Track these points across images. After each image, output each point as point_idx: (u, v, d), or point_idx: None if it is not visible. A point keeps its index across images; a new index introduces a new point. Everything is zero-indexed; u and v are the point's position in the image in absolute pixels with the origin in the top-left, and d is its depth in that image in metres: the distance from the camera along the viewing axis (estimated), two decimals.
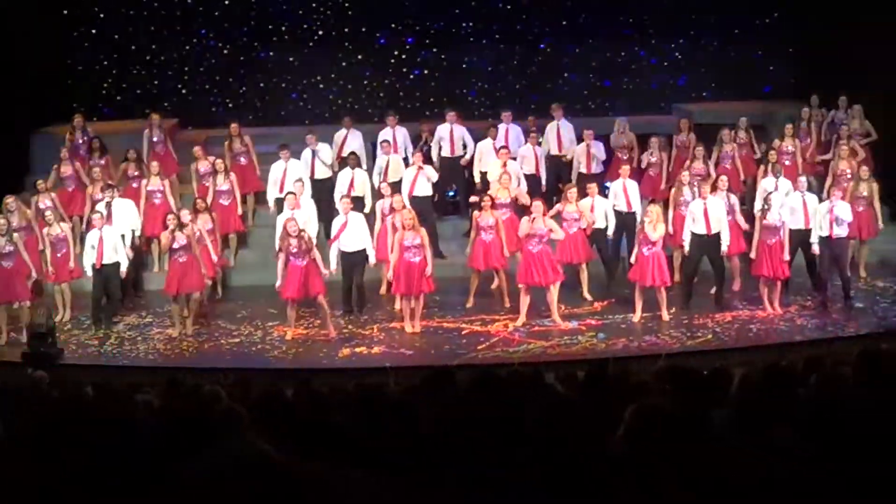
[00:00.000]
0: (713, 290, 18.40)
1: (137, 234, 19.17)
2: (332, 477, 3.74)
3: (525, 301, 17.58)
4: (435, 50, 26.08)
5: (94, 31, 25.49)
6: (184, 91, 25.89)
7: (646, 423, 4.20)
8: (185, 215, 17.78)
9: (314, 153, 20.79)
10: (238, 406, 7.18)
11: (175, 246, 17.35)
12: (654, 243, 17.27)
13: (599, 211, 18.74)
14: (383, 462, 4.64)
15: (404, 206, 18.02)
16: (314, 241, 17.52)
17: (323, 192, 20.16)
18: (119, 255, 17.89)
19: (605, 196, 19.32)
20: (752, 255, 17.79)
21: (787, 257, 17.58)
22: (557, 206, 18.62)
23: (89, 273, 17.96)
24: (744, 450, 5.36)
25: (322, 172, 20.69)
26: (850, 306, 18.00)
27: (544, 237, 17.39)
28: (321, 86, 26.06)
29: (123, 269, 18.00)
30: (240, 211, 20.50)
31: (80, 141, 21.26)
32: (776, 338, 16.93)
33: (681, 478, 4.07)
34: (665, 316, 17.57)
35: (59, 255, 18.26)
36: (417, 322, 17.57)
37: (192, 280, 17.52)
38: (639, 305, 17.66)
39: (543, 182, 20.72)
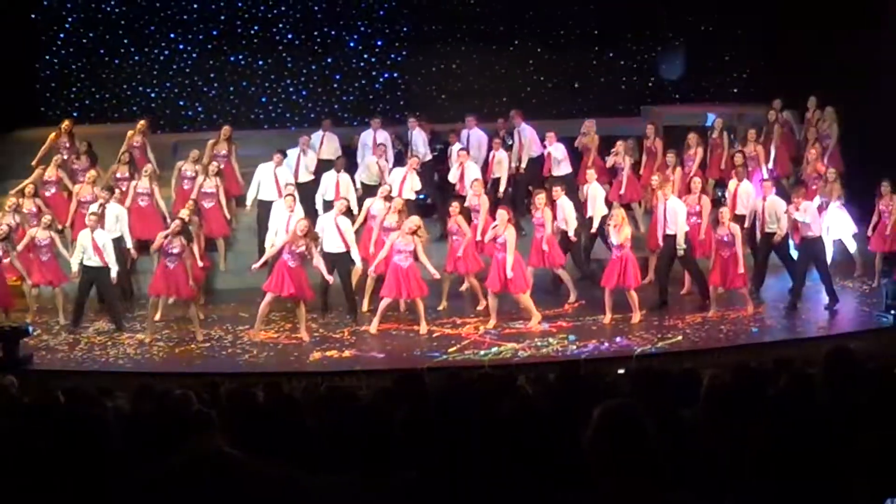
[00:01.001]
0: (683, 292, 18.54)
1: (129, 243, 18.96)
2: (301, 480, 3.74)
3: (494, 303, 17.59)
4: (404, 53, 26.11)
5: (62, 36, 25.40)
6: (153, 95, 25.82)
7: (613, 422, 4.21)
8: (186, 218, 17.73)
9: (301, 156, 20.75)
10: (208, 410, 7.17)
11: (170, 251, 17.25)
12: (621, 246, 17.28)
13: (569, 214, 18.72)
14: (354, 465, 4.63)
15: (408, 214, 17.93)
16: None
17: (304, 195, 20.13)
18: (109, 259, 17.78)
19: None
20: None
21: (741, 270, 17.57)
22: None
23: (75, 270, 17.85)
24: (711, 446, 5.39)
25: (304, 176, 20.66)
26: (835, 303, 18.04)
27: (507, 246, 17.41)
28: (291, 89, 26.05)
29: (114, 274, 17.88)
30: (228, 215, 20.46)
31: (67, 146, 21.17)
32: (746, 339, 16.98)
33: (647, 475, 4.08)
34: (636, 318, 17.60)
35: (44, 259, 18.19)
36: (424, 324, 17.52)
37: (180, 288, 17.42)
38: (608, 307, 17.68)
39: (501, 189, 20.62)
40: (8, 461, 4.71)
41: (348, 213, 18.81)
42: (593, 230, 19.10)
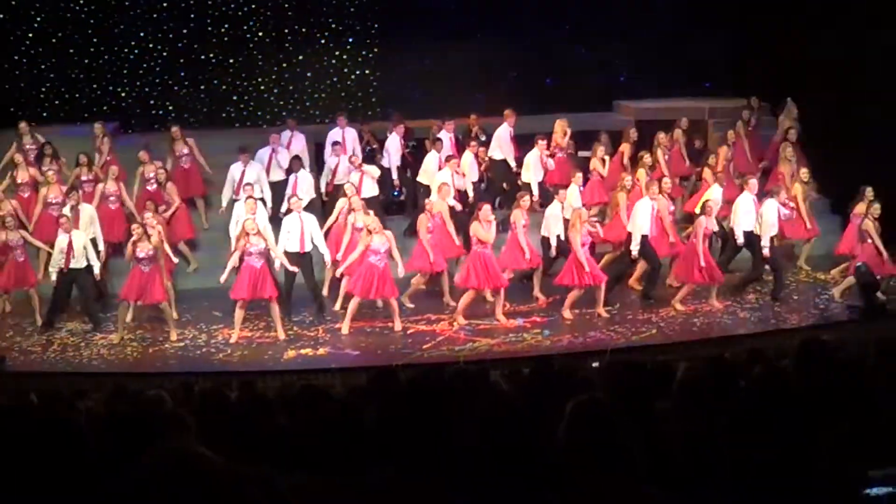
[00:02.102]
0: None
1: (101, 244, 18.84)
2: (275, 479, 3.73)
3: (466, 299, 17.59)
4: (376, 50, 26.07)
5: (31, 36, 25.24)
6: (123, 94, 25.71)
7: (585, 417, 4.21)
8: (152, 222, 17.66)
9: (273, 154, 20.70)
10: (182, 410, 7.14)
11: (140, 255, 17.17)
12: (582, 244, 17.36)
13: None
14: (328, 464, 4.62)
15: (367, 212, 17.89)
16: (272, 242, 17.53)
17: (276, 193, 20.09)
18: (91, 258, 17.72)
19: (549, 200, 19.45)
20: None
21: (702, 263, 17.67)
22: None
23: (53, 277, 17.76)
24: (685, 438, 5.40)
25: (276, 175, 20.60)
26: (781, 299, 18.21)
27: (489, 243, 17.42)
28: (262, 87, 25.98)
29: (97, 270, 17.83)
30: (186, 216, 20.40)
31: (29, 147, 21.07)
32: (719, 331, 17.06)
33: (621, 468, 4.08)
34: (602, 313, 17.65)
35: (20, 260, 18.13)
36: (398, 321, 17.60)
37: (154, 292, 17.34)
38: (568, 303, 17.72)
39: (470, 191, 20.54)
40: None
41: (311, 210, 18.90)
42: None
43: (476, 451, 4.53)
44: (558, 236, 18.46)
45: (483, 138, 21.50)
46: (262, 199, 19.55)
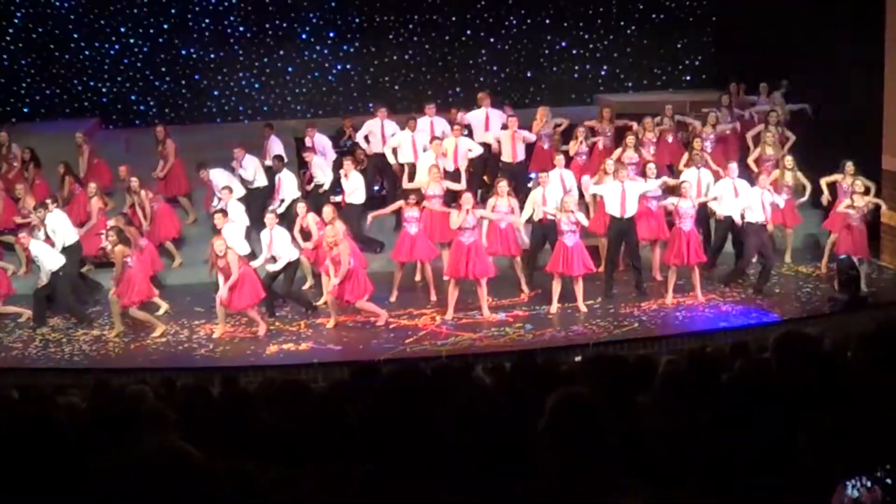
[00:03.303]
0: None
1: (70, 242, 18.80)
2: (255, 473, 3.73)
3: (453, 294, 17.59)
4: (357, 44, 26.07)
5: (11, 31, 25.19)
6: (104, 90, 25.67)
7: (566, 410, 4.22)
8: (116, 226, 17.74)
9: (234, 169, 20.54)
10: (164, 405, 7.14)
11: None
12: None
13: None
14: (309, 458, 4.62)
15: (333, 220, 17.76)
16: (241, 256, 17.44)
17: (257, 199, 20.03)
18: (48, 263, 17.74)
19: (530, 187, 19.41)
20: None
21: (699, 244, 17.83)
22: (490, 202, 18.42)
23: (45, 281, 17.74)
24: (665, 432, 5.41)
25: (260, 181, 20.53)
26: (764, 292, 18.22)
27: (474, 229, 17.43)
28: (243, 83, 25.98)
29: (46, 278, 17.80)
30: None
31: (5, 153, 21.04)
32: (701, 325, 17.09)
33: (602, 461, 4.09)
34: (581, 307, 17.67)
35: None
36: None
37: (139, 291, 17.41)
38: (555, 296, 17.76)
39: (463, 176, 20.46)
40: None
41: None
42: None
43: (458, 446, 4.54)
44: (539, 220, 18.45)
45: (465, 132, 21.44)
46: (243, 198, 19.56)
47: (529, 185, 19.77)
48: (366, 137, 21.30)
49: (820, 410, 5.05)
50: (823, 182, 19.01)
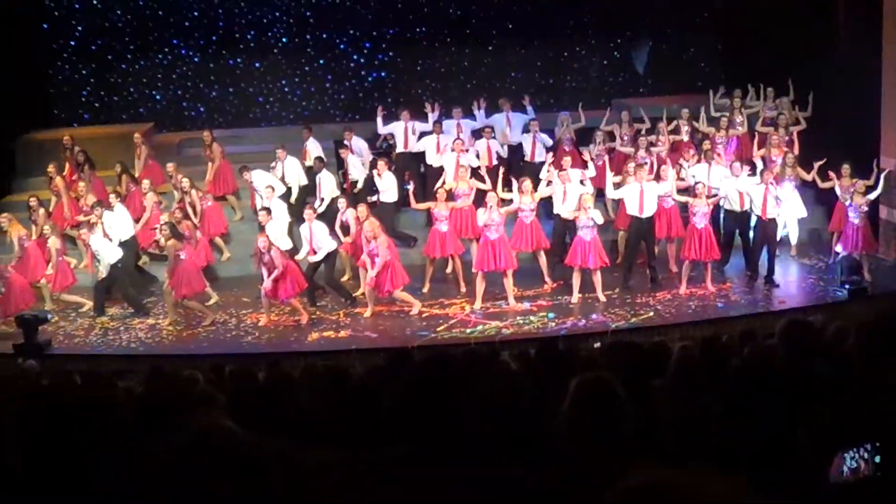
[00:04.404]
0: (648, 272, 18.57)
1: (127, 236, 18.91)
2: (297, 452, 3.73)
3: (481, 286, 17.60)
4: (391, 54, 26.09)
5: (73, 43, 25.33)
6: (158, 97, 25.78)
7: (587, 393, 4.21)
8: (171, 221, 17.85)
9: (280, 164, 20.59)
10: (214, 389, 7.16)
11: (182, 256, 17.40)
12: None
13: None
14: (347, 439, 4.63)
15: (368, 217, 17.81)
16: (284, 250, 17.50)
17: (298, 197, 20.11)
18: (108, 256, 17.79)
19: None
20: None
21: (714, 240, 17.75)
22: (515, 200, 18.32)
23: (104, 274, 17.83)
24: (678, 413, 5.40)
25: (301, 180, 20.58)
26: (773, 284, 18.13)
27: (500, 225, 17.42)
28: (286, 90, 26.04)
29: (105, 270, 17.85)
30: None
31: (69, 156, 21.17)
32: (712, 313, 17.02)
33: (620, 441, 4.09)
34: (600, 297, 17.62)
35: (60, 261, 18.23)
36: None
37: (192, 283, 17.50)
38: (575, 287, 17.71)
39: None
40: (29, 438, 4.72)
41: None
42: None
43: (486, 426, 4.54)
44: (558, 215, 18.42)
45: (493, 136, 21.42)
46: (284, 196, 19.65)
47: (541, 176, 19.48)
48: (385, 138, 21.39)
49: (822, 393, 5.03)
50: (823, 184, 18.87)
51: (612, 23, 26.06)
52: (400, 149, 21.23)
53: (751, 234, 18.57)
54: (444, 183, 18.93)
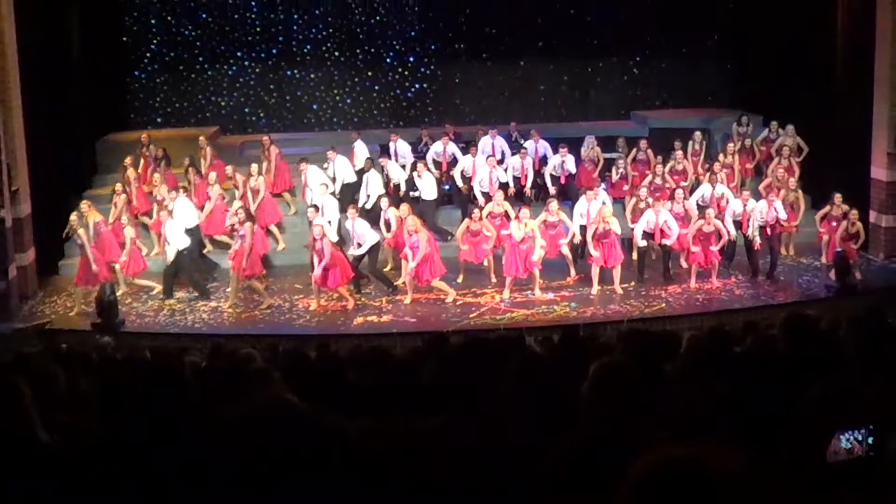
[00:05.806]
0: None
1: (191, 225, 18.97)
2: (346, 424, 3.76)
3: (510, 280, 17.59)
4: (432, 67, 26.11)
5: (148, 55, 25.49)
6: (223, 103, 25.91)
7: (607, 375, 4.22)
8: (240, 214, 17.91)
9: (332, 164, 20.63)
10: (269, 366, 7.19)
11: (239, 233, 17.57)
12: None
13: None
14: (389, 411, 4.64)
15: (409, 214, 17.82)
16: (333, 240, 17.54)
17: (346, 195, 20.13)
18: (177, 242, 17.86)
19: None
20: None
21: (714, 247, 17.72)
22: (542, 216, 18.25)
23: (171, 258, 17.89)
24: (688, 394, 5.39)
25: (349, 179, 20.62)
26: (775, 279, 18.07)
27: (530, 239, 17.37)
28: (337, 98, 26.11)
29: (173, 255, 17.91)
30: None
31: (145, 152, 21.31)
32: (718, 306, 16.98)
33: (635, 419, 4.09)
34: (618, 289, 17.60)
35: (134, 247, 18.32)
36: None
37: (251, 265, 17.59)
38: (595, 280, 17.69)
39: (528, 187, 20.68)
40: (106, 407, 4.76)
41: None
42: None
43: (515, 402, 4.55)
44: (581, 226, 18.38)
45: (523, 143, 21.40)
46: (333, 193, 19.70)
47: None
48: (433, 160, 21.32)
49: (817, 378, 5.01)
50: (817, 217, 18.83)
51: (632, 40, 25.94)
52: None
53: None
54: (481, 208, 18.79)
